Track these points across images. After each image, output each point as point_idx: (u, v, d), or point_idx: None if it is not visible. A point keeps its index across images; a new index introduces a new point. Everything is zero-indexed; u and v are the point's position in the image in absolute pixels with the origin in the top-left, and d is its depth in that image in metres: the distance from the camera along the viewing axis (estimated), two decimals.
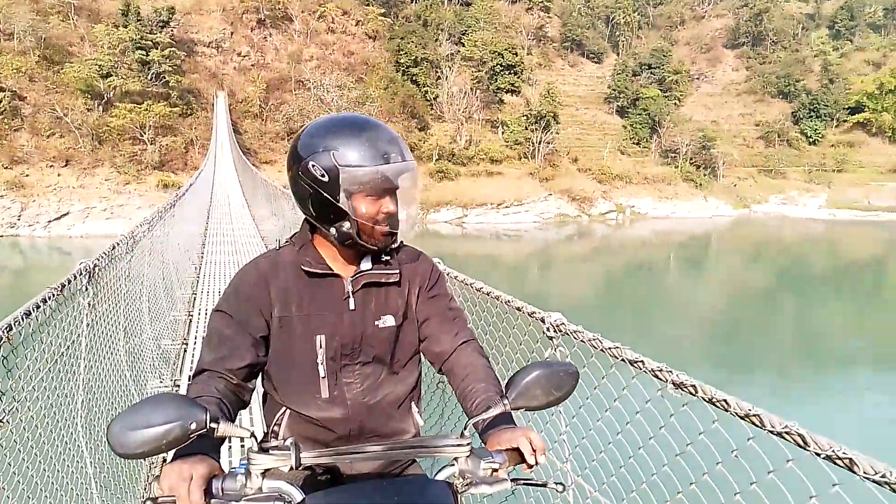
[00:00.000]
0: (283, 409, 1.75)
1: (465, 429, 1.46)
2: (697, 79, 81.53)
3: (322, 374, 1.71)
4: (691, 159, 62.60)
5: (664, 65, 74.20)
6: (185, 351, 6.68)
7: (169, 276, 8.16)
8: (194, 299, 8.83)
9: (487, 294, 3.31)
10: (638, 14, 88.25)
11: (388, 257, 1.79)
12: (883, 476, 1.27)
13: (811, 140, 70.36)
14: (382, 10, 65.95)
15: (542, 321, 2.72)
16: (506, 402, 1.52)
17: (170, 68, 48.43)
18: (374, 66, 60.21)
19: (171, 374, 6.00)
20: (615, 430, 2.43)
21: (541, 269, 40.99)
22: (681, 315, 31.00)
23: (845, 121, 71.79)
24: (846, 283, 39.43)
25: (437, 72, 62.95)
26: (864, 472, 1.31)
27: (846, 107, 72.00)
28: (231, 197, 23.99)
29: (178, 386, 5.61)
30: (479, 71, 64.55)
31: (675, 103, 71.47)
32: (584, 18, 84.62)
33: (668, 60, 75.39)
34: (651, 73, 73.51)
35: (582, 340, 2.40)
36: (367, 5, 65.94)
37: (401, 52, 60.81)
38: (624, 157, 62.70)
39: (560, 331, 2.57)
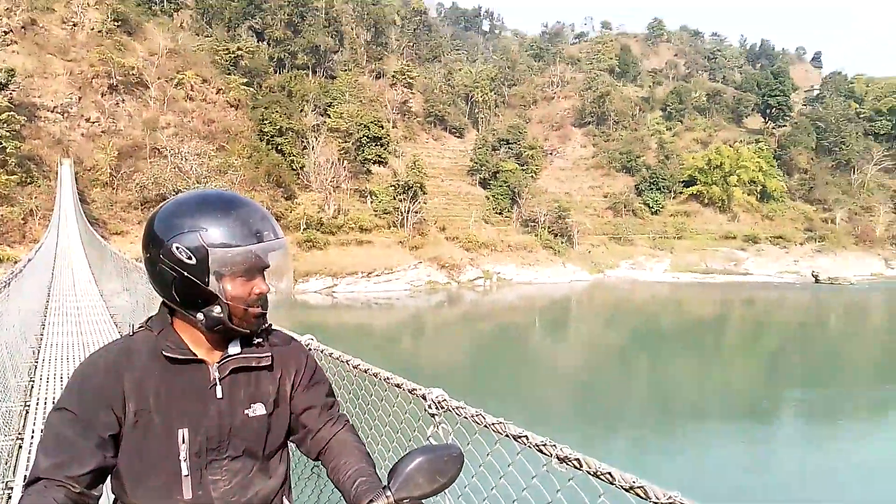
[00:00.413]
0: None
1: None
2: (551, 154, 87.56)
3: (185, 472, 1.51)
4: (549, 228, 66.38)
5: (520, 140, 79.19)
6: (21, 448, 5.85)
7: (0, 360, 7.22)
8: (32, 387, 7.85)
9: (365, 371, 3.18)
10: (494, 93, 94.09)
11: (259, 339, 1.65)
12: None
13: (653, 210, 77.27)
14: (245, 80, 65.35)
15: (424, 398, 2.65)
16: (388, 494, 1.43)
17: (7, 133, 44.54)
18: (236, 135, 59.05)
19: (1, 475, 5.21)
20: None
21: (414, 337, 40.98)
22: (548, 377, 32.03)
23: (681, 192, 79.72)
24: (690, 340, 42.87)
25: (302, 141, 62.87)
26: None
27: (681, 180, 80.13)
28: (76, 271, 22.01)
29: (11, 489, 4.87)
30: (346, 142, 65.33)
31: (532, 176, 76.08)
32: (445, 96, 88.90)
33: (523, 137, 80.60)
34: (509, 147, 78.05)
35: (465, 417, 2.35)
36: (229, 74, 65.12)
37: (265, 122, 60.22)
38: (488, 226, 65.32)
39: (442, 407, 2.51)
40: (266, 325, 1.63)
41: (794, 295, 58.28)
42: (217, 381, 1.57)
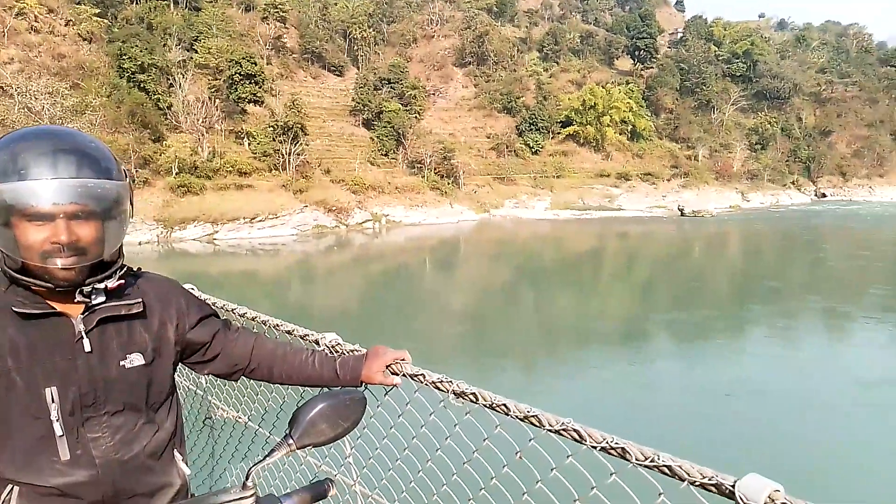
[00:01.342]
0: (9, 485, 1.41)
1: (247, 478, 1.34)
2: (433, 94, 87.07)
3: (59, 432, 1.42)
4: (435, 169, 66.63)
5: (402, 80, 77.96)
6: None
7: None
8: None
9: (253, 319, 3.09)
10: (373, 30, 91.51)
11: (126, 285, 1.55)
12: (651, 460, 1.38)
13: (533, 150, 79.40)
14: (97, 10, 59.28)
15: (317, 343, 2.63)
16: (290, 442, 1.41)
17: None
18: (91, 72, 53.82)
19: None
20: (402, 447, 2.42)
21: (304, 282, 40.35)
22: (441, 315, 32.79)
23: (559, 133, 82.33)
24: (571, 273, 45.26)
25: (168, 79, 58.48)
26: (636, 459, 1.42)
27: (558, 121, 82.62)
28: None
29: None
30: (217, 80, 61.47)
31: (416, 117, 75.48)
32: (321, 31, 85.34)
33: (405, 76, 79.36)
34: (391, 87, 76.70)
35: None
36: (78, 4, 58.79)
37: (124, 57, 55.07)
38: (374, 168, 64.51)
39: (336, 351, 2.50)
40: (106, 275, 1.48)
41: (662, 227, 62.61)
42: (83, 334, 1.46)
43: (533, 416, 1.70)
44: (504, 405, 1.79)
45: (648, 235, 59.36)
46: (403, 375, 2.11)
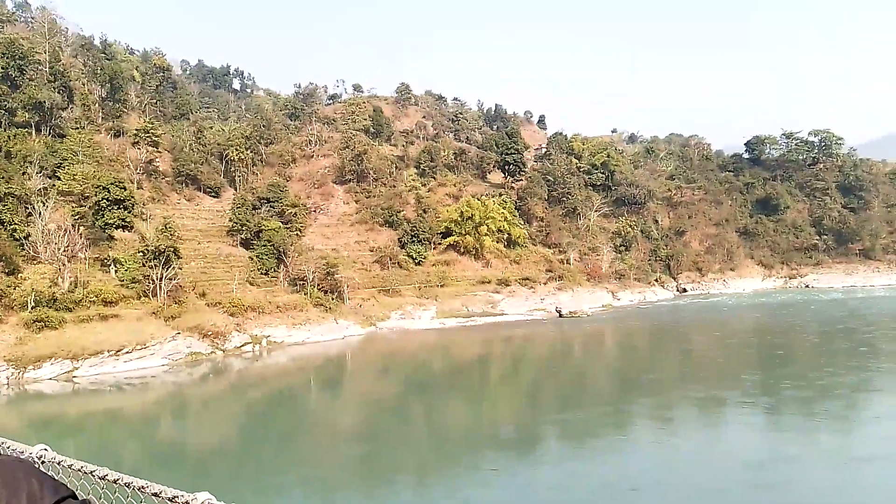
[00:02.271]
0: None
1: None
2: (314, 211, 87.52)
3: None
4: (319, 285, 65.64)
5: (282, 198, 77.96)
6: None
7: None
8: None
9: (115, 482, 2.61)
10: (251, 151, 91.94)
11: None
12: None
13: (416, 261, 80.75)
14: None
15: None
16: None
17: None
18: None
19: None
20: None
21: (176, 417, 37.17)
22: (328, 437, 31.09)
23: (440, 243, 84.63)
24: (458, 380, 45.01)
25: (27, 207, 54.87)
26: None
27: (439, 232, 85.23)
28: None
29: None
30: (82, 206, 58.47)
31: (297, 234, 75.07)
32: (196, 154, 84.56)
33: (285, 195, 79.51)
34: (271, 206, 76.32)
35: None
36: None
37: None
38: (254, 288, 62.50)
39: None
40: None
41: (543, 329, 64.55)
42: None
43: None
44: None
45: (531, 338, 60.87)
46: None
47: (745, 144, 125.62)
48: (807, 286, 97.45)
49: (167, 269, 52.83)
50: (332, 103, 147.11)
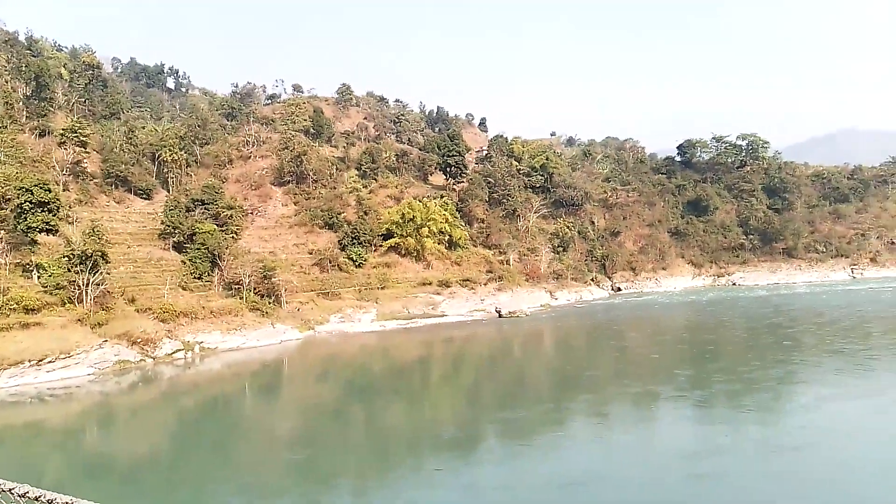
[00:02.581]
0: None
1: None
2: (252, 213, 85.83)
3: None
4: (255, 289, 64.42)
5: (217, 200, 76.16)
6: None
7: None
8: None
9: (36, 500, 2.60)
10: (185, 152, 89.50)
11: None
12: None
13: (357, 263, 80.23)
14: None
15: None
16: None
17: None
18: None
19: None
20: None
21: (103, 428, 35.86)
22: (266, 445, 30.61)
23: (381, 245, 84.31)
24: (398, 383, 45.02)
25: None
26: None
27: (380, 234, 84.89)
28: None
29: None
30: (2, 209, 55.69)
31: (233, 237, 73.47)
32: (127, 155, 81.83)
33: (220, 196, 77.69)
34: (205, 208, 74.46)
35: None
36: None
37: None
38: (186, 293, 60.80)
39: None
40: None
41: (484, 329, 65.20)
42: None
43: None
44: None
45: (472, 338, 61.40)
46: None
47: (677, 148, 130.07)
48: (734, 284, 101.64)
49: (94, 274, 50.87)
50: (270, 103, 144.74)
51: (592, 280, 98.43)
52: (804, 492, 20.71)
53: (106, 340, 47.68)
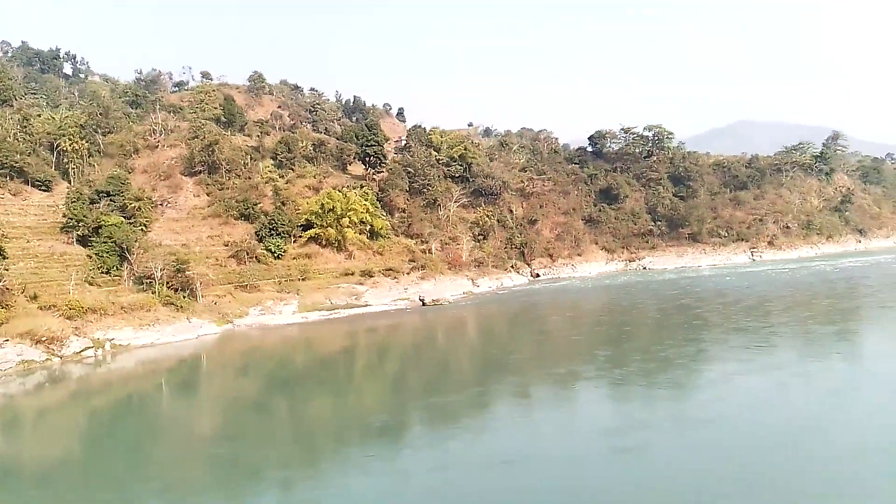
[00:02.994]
0: None
1: None
2: (161, 205, 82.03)
3: None
4: (168, 283, 61.77)
5: (123, 192, 72.38)
6: None
7: None
8: None
9: None
10: (86, 141, 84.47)
11: None
12: None
13: (276, 255, 78.31)
14: None
15: None
16: None
17: None
18: None
19: None
20: None
21: (5, 432, 33.59)
22: (185, 443, 29.63)
23: (300, 236, 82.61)
24: (321, 374, 44.59)
25: None
26: None
27: (299, 224, 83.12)
28: None
29: None
30: None
31: (143, 229, 70.10)
32: (22, 144, 76.36)
33: (126, 188, 73.84)
34: (111, 200, 70.63)
35: None
36: None
37: None
38: (94, 288, 57.54)
39: None
40: None
41: (408, 318, 65.40)
42: None
43: None
44: None
45: (396, 327, 61.47)
46: None
47: (588, 139, 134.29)
48: (644, 268, 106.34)
49: None
50: (178, 91, 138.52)
51: (512, 267, 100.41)
52: (720, 461, 22.20)
53: (7, 340, 44.58)
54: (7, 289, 49.29)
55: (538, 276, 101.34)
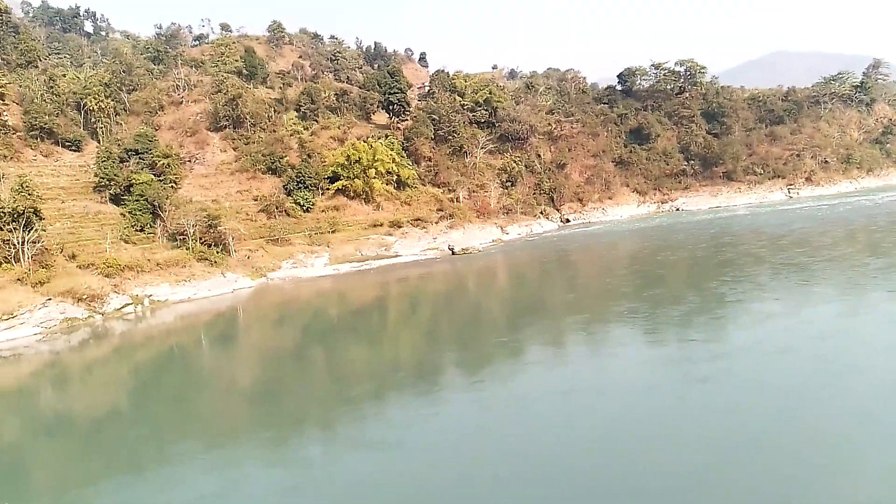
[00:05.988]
0: None
1: None
2: (189, 161, 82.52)
3: None
4: (201, 239, 62.61)
5: (151, 149, 72.80)
6: None
7: None
8: None
9: None
10: (112, 100, 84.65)
11: None
12: None
13: (305, 208, 78.63)
14: None
15: None
16: None
17: None
18: None
19: None
20: None
21: (56, 389, 34.74)
22: (227, 393, 30.29)
23: (328, 188, 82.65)
24: (359, 324, 45.00)
25: None
26: None
27: (326, 177, 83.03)
28: None
29: None
30: None
31: (173, 186, 70.75)
32: (50, 105, 76.81)
33: (154, 145, 74.25)
34: (140, 158, 71.18)
35: None
36: None
37: None
38: (130, 246, 58.65)
39: None
40: None
41: (437, 267, 65.43)
42: None
43: None
44: None
45: (427, 277, 61.57)
46: None
47: (617, 76, 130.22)
48: (677, 209, 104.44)
49: (29, 231, 48.41)
50: (198, 44, 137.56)
51: (542, 213, 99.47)
52: (801, 387, 21.60)
53: (50, 299, 45.85)
54: (46, 249, 50.39)
55: (568, 221, 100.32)
